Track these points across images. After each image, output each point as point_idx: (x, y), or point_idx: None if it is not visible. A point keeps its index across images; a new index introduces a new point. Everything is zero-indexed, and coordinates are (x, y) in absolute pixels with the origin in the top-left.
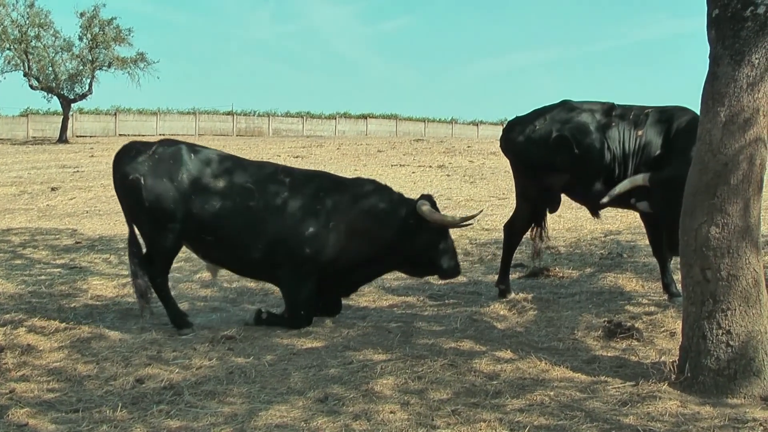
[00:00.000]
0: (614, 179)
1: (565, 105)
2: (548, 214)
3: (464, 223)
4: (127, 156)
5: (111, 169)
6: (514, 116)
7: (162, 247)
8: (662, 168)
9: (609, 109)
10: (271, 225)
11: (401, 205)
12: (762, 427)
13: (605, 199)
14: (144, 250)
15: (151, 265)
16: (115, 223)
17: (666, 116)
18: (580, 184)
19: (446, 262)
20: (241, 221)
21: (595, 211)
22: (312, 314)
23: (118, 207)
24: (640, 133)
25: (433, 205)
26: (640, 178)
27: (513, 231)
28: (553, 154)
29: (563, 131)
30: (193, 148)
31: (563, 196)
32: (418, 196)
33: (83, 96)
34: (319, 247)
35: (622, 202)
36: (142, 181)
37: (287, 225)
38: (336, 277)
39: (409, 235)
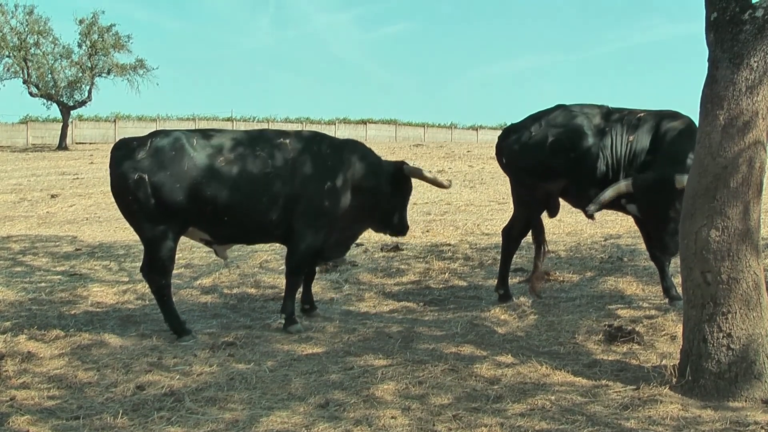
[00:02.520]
0: (608, 182)
1: (560, 109)
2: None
3: (439, 181)
4: (124, 154)
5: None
6: (510, 123)
7: (169, 246)
8: (646, 171)
9: (604, 112)
10: (285, 186)
11: (388, 163)
12: (763, 430)
13: (592, 208)
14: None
15: (154, 270)
16: (114, 230)
17: (656, 121)
18: (575, 188)
19: (406, 219)
20: (257, 190)
21: (589, 214)
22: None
23: (118, 214)
24: (631, 138)
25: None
26: (623, 185)
27: (511, 236)
28: (548, 159)
29: (558, 135)
30: (193, 135)
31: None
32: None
33: (83, 103)
34: (334, 199)
35: (616, 204)
36: (146, 179)
37: (303, 182)
38: (336, 232)
39: (391, 190)
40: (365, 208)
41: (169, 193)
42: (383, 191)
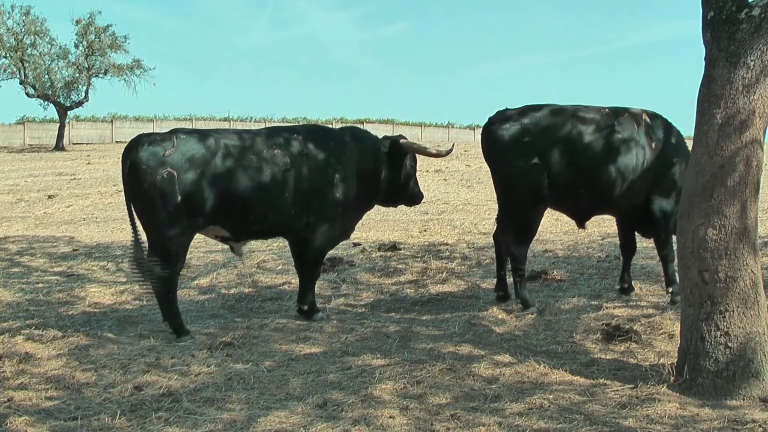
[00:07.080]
0: (603, 191)
1: (557, 110)
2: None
3: (438, 153)
4: (149, 150)
5: (123, 168)
6: (504, 108)
7: (185, 243)
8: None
9: (597, 115)
10: (304, 180)
11: (383, 142)
12: (761, 429)
13: None
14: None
15: (164, 266)
16: (112, 231)
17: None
18: (568, 196)
19: (416, 188)
20: (281, 185)
21: (581, 223)
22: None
23: (115, 214)
24: (654, 146)
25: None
26: None
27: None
28: (538, 165)
29: (550, 141)
30: (211, 133)
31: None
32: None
33: (79, 103)
34: (345, 189)
35: (612, 207)
36: (176, 175)
37: (318, 175)
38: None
39: (393, 167)
40: (371, 189)
41: (199, 190)
42: (386, 169)
